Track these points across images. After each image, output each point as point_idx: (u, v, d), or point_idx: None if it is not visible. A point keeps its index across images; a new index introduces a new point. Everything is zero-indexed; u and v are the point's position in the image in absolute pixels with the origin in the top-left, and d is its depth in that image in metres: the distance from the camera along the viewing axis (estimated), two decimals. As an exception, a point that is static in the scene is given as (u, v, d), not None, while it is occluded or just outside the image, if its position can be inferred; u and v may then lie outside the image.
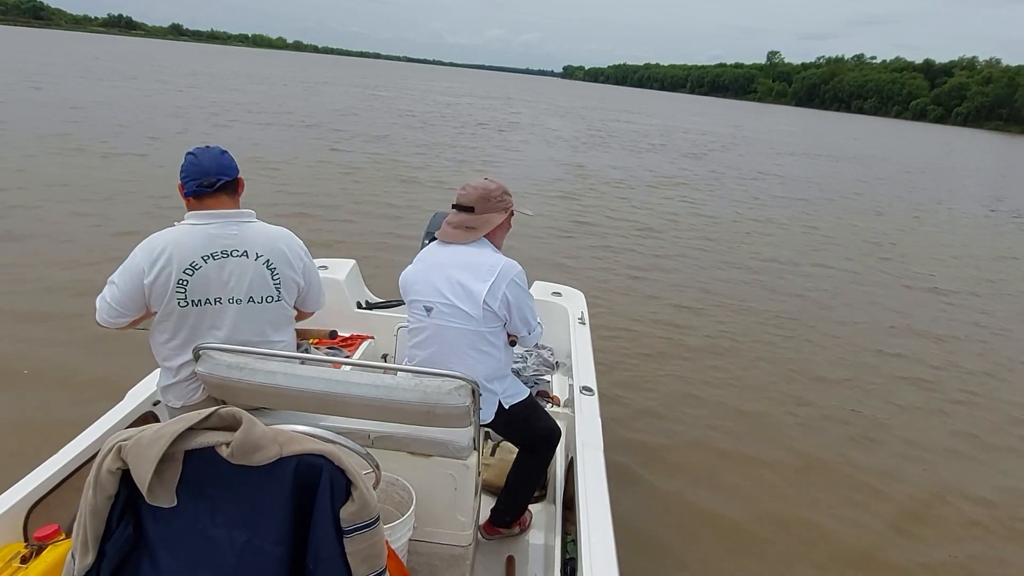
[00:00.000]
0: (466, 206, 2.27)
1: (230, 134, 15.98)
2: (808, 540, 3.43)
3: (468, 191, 2.27)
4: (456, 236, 2.26)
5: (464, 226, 2.26)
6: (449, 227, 2.28)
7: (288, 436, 1.23)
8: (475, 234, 2.27)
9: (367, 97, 36.35)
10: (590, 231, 9.89)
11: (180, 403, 2.06)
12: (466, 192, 2.27)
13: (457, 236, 2.26)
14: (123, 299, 1.93)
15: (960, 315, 7.69)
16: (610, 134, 27.89)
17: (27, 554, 1.68)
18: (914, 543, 3.51)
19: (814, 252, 10.02)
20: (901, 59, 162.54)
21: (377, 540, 1.27)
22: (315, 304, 2.27)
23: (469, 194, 2.27)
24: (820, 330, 6.62)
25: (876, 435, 4.60)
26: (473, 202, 2.26)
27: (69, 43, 74.02)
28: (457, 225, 2.27)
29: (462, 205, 2.27)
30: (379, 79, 66.49)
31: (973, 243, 12.28)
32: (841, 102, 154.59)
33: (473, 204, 2.26)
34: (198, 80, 35.05)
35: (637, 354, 5.51)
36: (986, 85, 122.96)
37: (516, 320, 2.26)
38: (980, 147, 56.79)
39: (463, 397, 1.81)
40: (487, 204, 2.28)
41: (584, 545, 1.86)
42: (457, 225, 2.27)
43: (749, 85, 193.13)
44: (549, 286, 4.06)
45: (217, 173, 2.00)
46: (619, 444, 3.95)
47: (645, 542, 3.22)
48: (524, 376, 3.40)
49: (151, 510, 1.20)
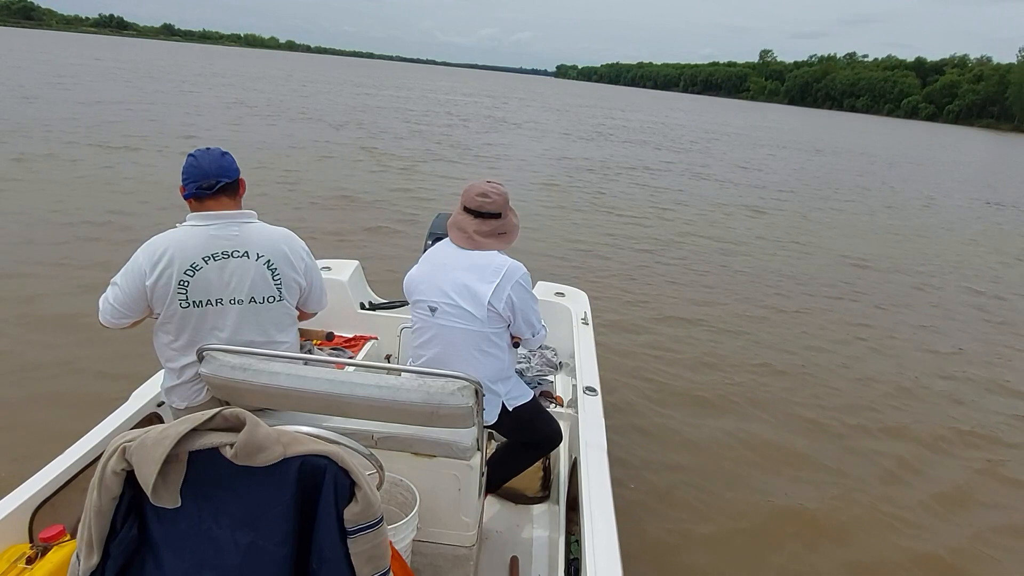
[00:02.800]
0: (494, 213, 2.26)
1: (298, 127, 16.66)
2: (817, 542, 3.40)
3: (493, 198, 2.26)
4: (493, 244, 2.26)
5: (496, 233, 2.27)
6: (480, 236, 2.25)
7: (292, 437, 1.23)
8: (509, 239, 2.30)
9: (402, 99, 36.92)
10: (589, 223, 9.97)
11: (184, 404, 2.06)
12: (491, 200, 2.26)
13: (494, 244, 2.26)
14: (125, 300, 1.94)
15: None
16: (629, 135, 28.11)
17: (32, 555, 1.68)
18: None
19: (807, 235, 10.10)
20: (893, 57, 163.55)
21: (381, 541, 1.27)
22: (317, 304, 2.27)
23: (496, 201, 2.26)
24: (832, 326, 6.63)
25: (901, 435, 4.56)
26: (500, 208, 2.27)
27: (70, 45, 73.26)
28: (489, 233, 2.26)
29: (490, 212, 2.26)
30: (395, 79, 67.32)
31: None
32: (833, 100, 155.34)
33: (500, 210, 2.27)
34: (223, 80, 35.75)
35: (641, 352, 5.51)
36: (977, 83, 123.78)
37: (520, 322, 2.26)
38: (956, 142, 57.32)
39: (467, 398, 1.81)
40: (508, 208, 2.31)
41: (588, 545, 1.86)
42: (489, 233, 2.26)
43: (742, 84, 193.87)
44: (552, 286, 4.06)
45: (217, 175, 2.00)
46: (622, 444, 3.94)
47: (649, 542, 3.21)
48: (528, 376, 3.40)
49: (155, 511, 1.20)
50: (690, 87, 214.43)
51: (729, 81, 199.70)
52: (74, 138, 12.89)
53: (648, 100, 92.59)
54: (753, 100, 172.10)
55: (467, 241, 2.25)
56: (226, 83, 34.26)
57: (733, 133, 36.71)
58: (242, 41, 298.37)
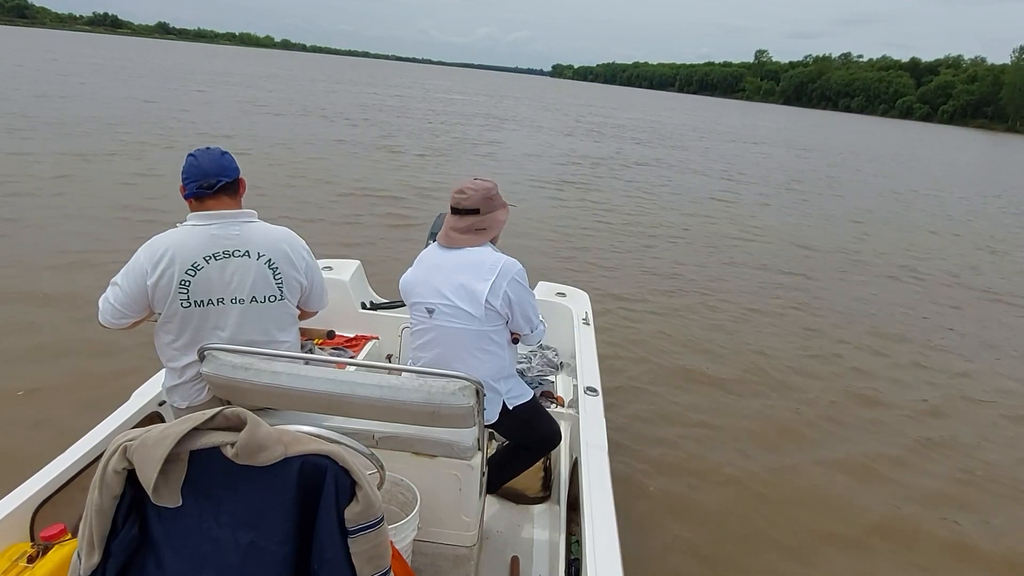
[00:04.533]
0: (471, 209, 2.23)
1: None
2: (816, 541, 3.41)
3: (469, 194, 2.23)
4: (467, 241, 2.23)
5: (474, 229, 2.24)
6: (456, 232, 2.24)
7: (293, 436, 1.23)
8: (487, 235, 2.26)
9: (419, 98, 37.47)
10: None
11: (185, 403, 2.06)
12: (467, 196, 2.23)
13: (468, 240, 2.23)
14: (126, 300, 1.93)
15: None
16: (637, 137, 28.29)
17: (33, 554, 1.68)
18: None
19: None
20: (887, 58, 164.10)
21: (381, 540, 1.27)
22: (318, 303, 2.27)
23: (471, 197, 2.23)
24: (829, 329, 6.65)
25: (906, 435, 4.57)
26: (477, 204, 2.24)
27: (69, 44, 72.86)
28: (465, 230, 2.23)
29: (466, 209, 2.23)
30: (399, 79, 67.69)
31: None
32: (828, 100, 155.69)
33: (478, 206, 2.24)
34: (237, 80, 36.61)
35: (638, 352, 5.52)
36: (971, 83, 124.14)
37: (518, 318, 2.25)
38: (945, 141, 57.66)
39: (467, 397, 1.81)
40: (490, 203, 2.27)
41: (589, 546, 1.86)
42: (465, 230, 2.23)
43: (737, 84, 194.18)
44: (553, 286, 4.06)
45: (217, 175, 2.00)
46: (623, 444, 3.93)
47: (650, 543, 3.21)
48: (528, 376, 3.40)
49: (156, 510, 1.20)
50: (686, 87, 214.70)
51: (725, 81, 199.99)
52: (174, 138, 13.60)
53: (644, 99, 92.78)
54: (749, 100, 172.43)
55: (444, 238, 2.25)
56: (236, 83, 35.01)
57: (723, 131, 37.12)
58: (237, 40, 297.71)
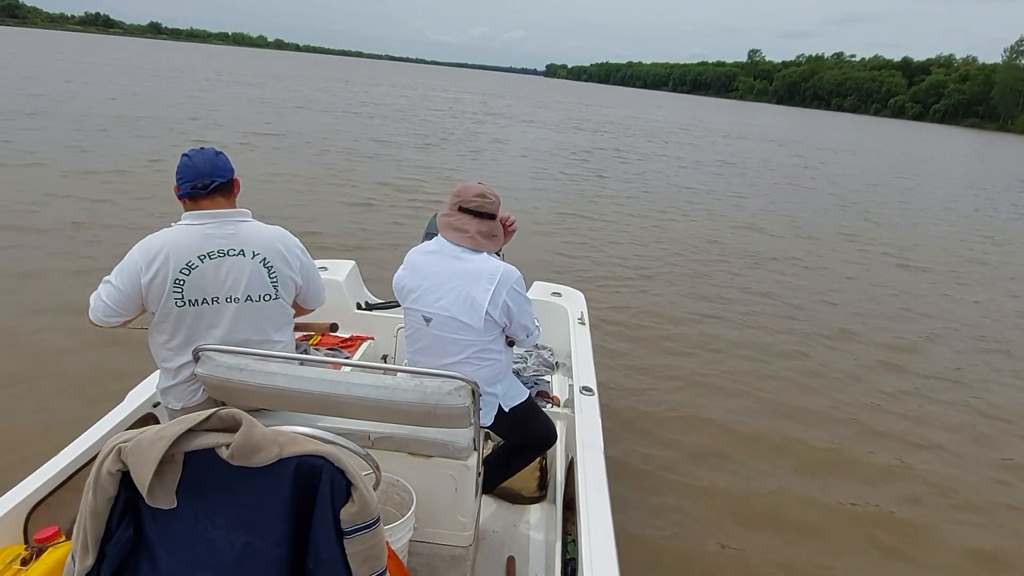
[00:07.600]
0: (492, 214, 2.22)
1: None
2: (811, 541, 3.41)
3: (491, 198, 2.22)
4: (489, 245, 2.21)
5: (491, 235, 2.23)
6: (482, 237, 2.20)
7: (288, 437, 1.22)
8: (501, 241, 2.26)
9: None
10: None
11: (180, 405, 2.05)
12: (490, 200, 2.22)
13: (490, 245, 2.22)
14: (120, 298, 1.93)
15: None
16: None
17: (27, 556, 1.67)
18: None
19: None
20: (880, 57, 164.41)
21: (377, 541, 1.27)
22: (315, 301, 2.26)
23: (493, 202, 2.23)
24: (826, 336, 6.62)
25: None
26: (496, 209, 2.24)
27: (71, 44, 72.73)
28: (487, 235, 2.21)
29: (489, 213, 2.21)
30: (393, 79, 68.53)
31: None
32: (821, 100, 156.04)
33: (496, 212, 2.24)
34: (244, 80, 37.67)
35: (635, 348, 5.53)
36: (963, 83, 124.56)
37: (516, 326, 2.25)
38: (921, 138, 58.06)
39: (463, 397, 1.81)
40: (499, 211, 2.29)
41: (585, 545, 1.86)
42: (487, 235, 2.21)
43: (730, 83, 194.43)
44: (549, 286, 4.06)
45: (211, 175, 2.00)
46: (619, 444, 3.94)
47: (646, 543, 3.21)
48: (524, 376, 3.40)
49: (151, 512, 1.20)
50: (679, 86, 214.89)
51: (718, 80, 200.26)
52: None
53: (638, 99, 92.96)
54: (742, 99, 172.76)
55: (469, 241, 2.18)
56: (254, 82, 36.25)
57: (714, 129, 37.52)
58: (230, 40, 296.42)
